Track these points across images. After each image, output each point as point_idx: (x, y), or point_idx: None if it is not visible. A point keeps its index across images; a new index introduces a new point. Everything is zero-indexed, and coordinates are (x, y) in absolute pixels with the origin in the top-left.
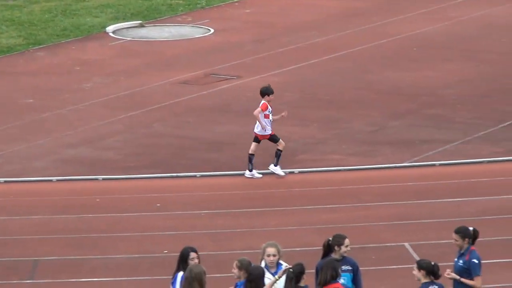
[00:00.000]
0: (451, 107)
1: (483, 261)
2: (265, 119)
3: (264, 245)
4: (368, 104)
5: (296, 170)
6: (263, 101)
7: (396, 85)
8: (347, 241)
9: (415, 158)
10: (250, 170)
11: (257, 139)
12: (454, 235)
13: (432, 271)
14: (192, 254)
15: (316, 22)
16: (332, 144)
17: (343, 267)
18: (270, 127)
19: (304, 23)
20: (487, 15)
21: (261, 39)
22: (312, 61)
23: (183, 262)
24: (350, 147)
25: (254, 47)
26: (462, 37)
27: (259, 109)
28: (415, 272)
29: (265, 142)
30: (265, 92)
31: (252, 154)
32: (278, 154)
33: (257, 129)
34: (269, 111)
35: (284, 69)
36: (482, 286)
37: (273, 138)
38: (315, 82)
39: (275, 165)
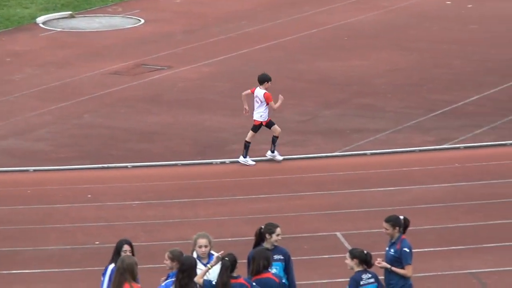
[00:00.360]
0: (382, 96)
1: (414, 250)
2: (266, 106)
3: (195, 236)
4: (299, 94)
5: (227, 160)
6: (264, 90)
7: (327, 75)
8: (278, 229)
9: (347, 148)
10: (272, 152)
11: (265, 125)
12: (385, 224)
13: (365, 260)
14: (125, 247)
15: (247, 11)
16: (264, 134)
17: (275, 257)
18: (267, 115)
19: (235, 12)
20: (417, 4)
21: (191, 29)
22: (243, 51)
23: (116, 254)
24: (282, 136)
25: (185, 37)
26: (393, 26)
27: (272, 102)
28: (348, 261)
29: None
30: (265, 79)
31: (277, 137)
32: (246, 146)
33: (259, 116)
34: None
35: (215, 59)
36: (414, 274)
37: (258, 127)
38: (246, 72)
39: (244, 157)
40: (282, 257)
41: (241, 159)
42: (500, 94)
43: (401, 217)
